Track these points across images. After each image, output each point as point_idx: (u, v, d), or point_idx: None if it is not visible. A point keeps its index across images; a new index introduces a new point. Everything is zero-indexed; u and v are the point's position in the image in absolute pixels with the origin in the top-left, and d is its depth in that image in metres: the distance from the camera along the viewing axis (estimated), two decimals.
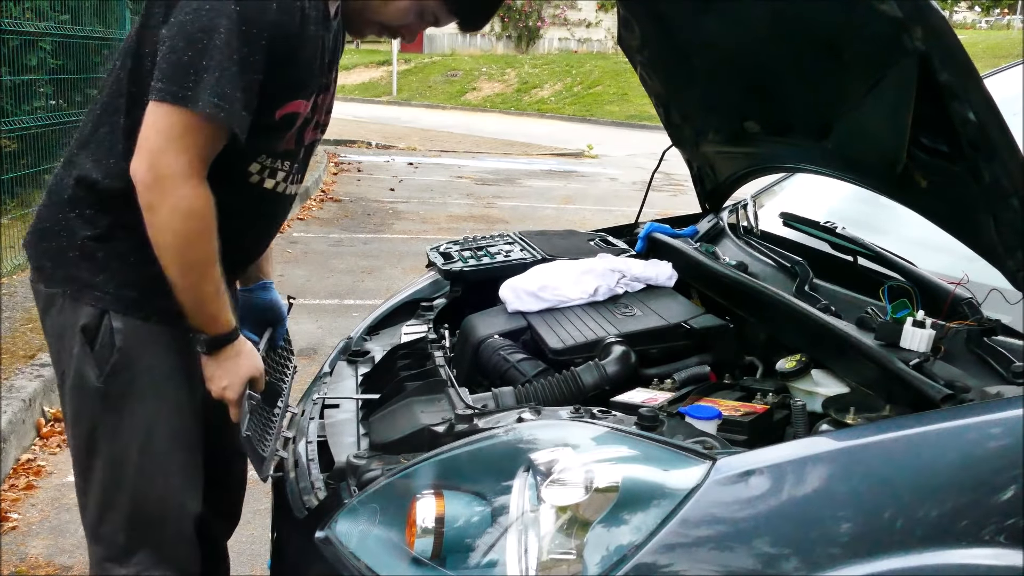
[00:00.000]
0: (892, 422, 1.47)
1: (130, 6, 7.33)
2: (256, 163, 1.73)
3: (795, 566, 1.25)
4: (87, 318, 1.69)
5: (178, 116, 1.54)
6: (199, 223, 1.59)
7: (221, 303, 1.67)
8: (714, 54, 2.19)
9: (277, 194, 1.80)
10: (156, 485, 1.74)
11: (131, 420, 1.71)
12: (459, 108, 22.85)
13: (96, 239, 1.70)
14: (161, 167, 1.55)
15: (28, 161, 5.95)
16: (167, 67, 1.54)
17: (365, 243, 7.49)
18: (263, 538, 2.12)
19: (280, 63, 1.61)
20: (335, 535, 1.50)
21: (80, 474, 1.77)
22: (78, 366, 1.70)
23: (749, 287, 2.08)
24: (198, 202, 1.58)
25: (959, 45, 1.45)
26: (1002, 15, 38.18)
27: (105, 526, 1.74)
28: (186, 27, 1.54)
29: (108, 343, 1.69)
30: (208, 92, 1.52)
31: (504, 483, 1.37)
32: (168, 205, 1.56)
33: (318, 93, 1.75)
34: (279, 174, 1.77)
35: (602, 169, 13.25)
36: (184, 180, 1.56)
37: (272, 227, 1.90)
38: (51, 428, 3.78)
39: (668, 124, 2.64)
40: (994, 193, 1.52)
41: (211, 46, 1.53)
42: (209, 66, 1.52)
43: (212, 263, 1.63)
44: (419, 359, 2.09)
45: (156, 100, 1.55)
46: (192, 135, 1.55)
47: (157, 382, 1.72)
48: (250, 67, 1.56)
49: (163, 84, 1.54)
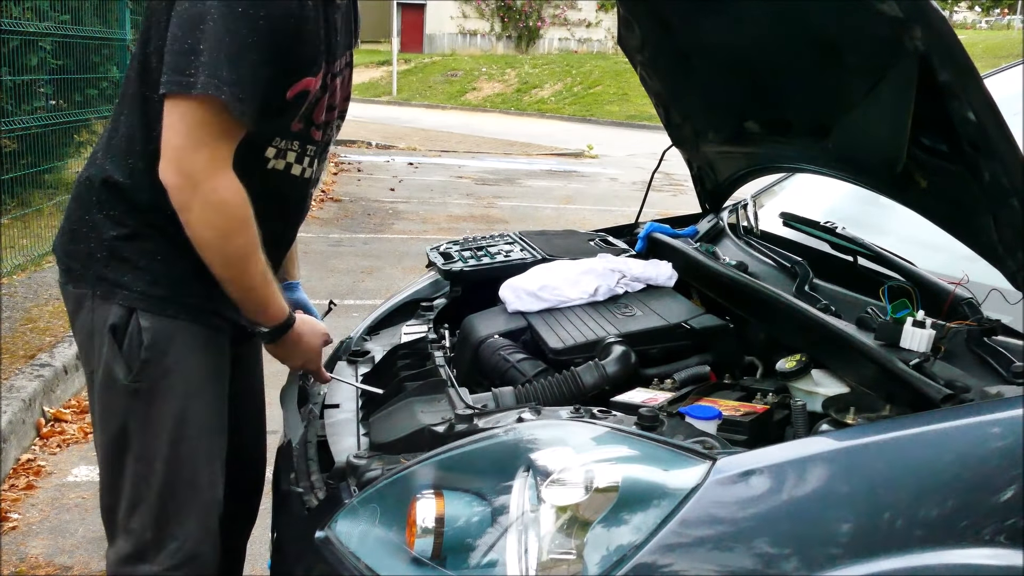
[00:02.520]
0: (892, 422, 1.47)
1: (130, 6, 7.34)
2: (271, 147, 1.73)
3: (795, 566, 1.25)
4: (115, 317, 1.69)
5: (193, 105, 1.54)
6: (234, 214, 1.59)
7: (270, 292, 1.69)
8: (714, 54, 2.19)
9: (295, 177, 1.80)
10: (185, 482, 1.74)
11: (161, 417, 1.71)
12: (459, 108, 22.86)
13: (123, 239, 1.70)
14: (184, 164, 1.55)
15: (28, 161, 5.95)
16: (170, 59, 1.55)
17: (365, 243, 7.49)
18: (263, 538, 2.12)
19: (283, 41, 1.60)
20: (335, 535, 1.50)
21: (108, 471, 1.77)
22: (107, 365, 1.71)
23: (749, 287, 2.08)
24: (228, 192, 1.58)
25: (959, 45, 1.44)
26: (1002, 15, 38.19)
27: (134, 521, 1.75)
28: (183, 16, 1.55)
29: (136, 342, 1.69)
30: (205, 74, 1.52)
31: (504, 483, 1.37)
32: (199, 201, 1.56)
33: (328, 72, 1.74)
34: (295, 155, 1.77)
35: (602, 169, 13.25)
36: (210, 173, 1.56)
37: (296, 213, 1.90)
38: (51, 428, 3.78)
39: (668, 124, 2.64)
40: (994, 193, 1.52)
41: (206, 30, 1.53)
42: (204, 49, 1.52)
43: (254, 252, 1.64)
44: (419, 359, 2.09)
45: (165, 94, 1.55)
46: (206, 126, 1.55)
47: (186, 378, 1.73)
48: (248, 47, 1.55)
49: (167, 75, 1.55)
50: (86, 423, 3.81)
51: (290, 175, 1.79)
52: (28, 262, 5.71)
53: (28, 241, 5.84)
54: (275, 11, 1.58)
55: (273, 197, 1.78)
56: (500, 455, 1.43)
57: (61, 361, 4.12)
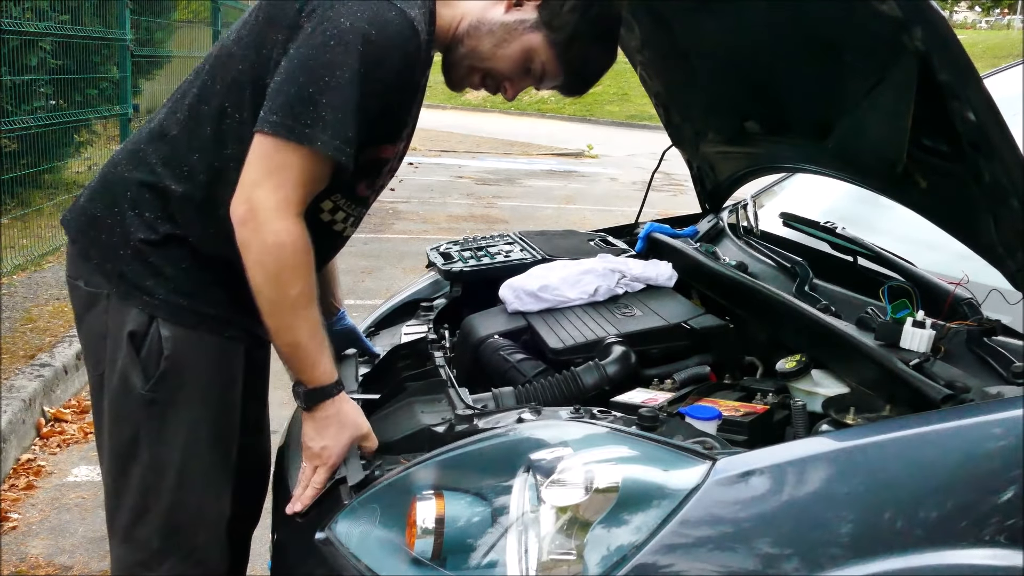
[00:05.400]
0: (892, 422, 1.47)
1: (130, 6, 7.34)
2: (329, 201, 1.69)
3: (795, 566, 1.25)
4: (135, 324, 1.65)
5: (290, 152, 1.50)
6: (291, 259, 1.52)
7: (319, 349, 1.59)
8: (714, 54, 2.19)
9: (337, 233, 1.77)
10: (195, 492, 1.72)
11: (175, 427, 1.68)
12: (459, 108, 22.84)
13: (152, 244, 1.66)
14: (255, 200, 1.50)
15: (28, 161, 5.96)
16: (284, 100, 1.50)
17: (365, 243, 7.48)
18: (263, 538, 2.12)
19: (386, 107, 1.57)
20: (335, 535, 1.50)
21: (114, 477, 1.73)
22: (123, 371, 1.66)
23: (749, 287, 2.08)
24: (290, 237, 1.51)
25: (959, 45, 1.44)
26: (1002, 15, 38.20)
27: (140, 530, 1.72)
28: (308, 61, 1.50)
29: (156, 350, 1.65)
30: (329, 132, 1.48)
31: (504, 483, 1.37)
32: (259, 240, 1.51)
33: (406, 138, 1.72)
34: (344, 214, 1.74)
35: (602, 169, 13.25)
36: (278, 215, 1.50)
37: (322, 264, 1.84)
38: (51, 428, 3.78)
39: (668, 124, 2.64)
40: (994, 193, 1.52)
41: (333, 84, 1.48)
42: (330, 104, 1.48)
43: (307, 305, 1.56)
44: (419, 359, 2.09)
45: (268, 133, 1.50)
46: (295, 171, 1.51)
47: (203, 390, 1.70)
48: (363, 110, 1.52)
49: (278, 117, 1.49)
50: (86, 423, 3.82)
51: (333, 230, 1.76)
52: (28, 262, 5.71)
53: (28, 241, 5.85)
54: (396, 80, 1.55)
55: (317, 248, 1.67)
56: (500, 455, 1.43)
57: (61, 361, 4.12)
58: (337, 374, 1.63)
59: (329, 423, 1.61)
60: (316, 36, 1.50)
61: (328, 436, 1.61)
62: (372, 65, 1.51)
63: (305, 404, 1.61)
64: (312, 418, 1.62)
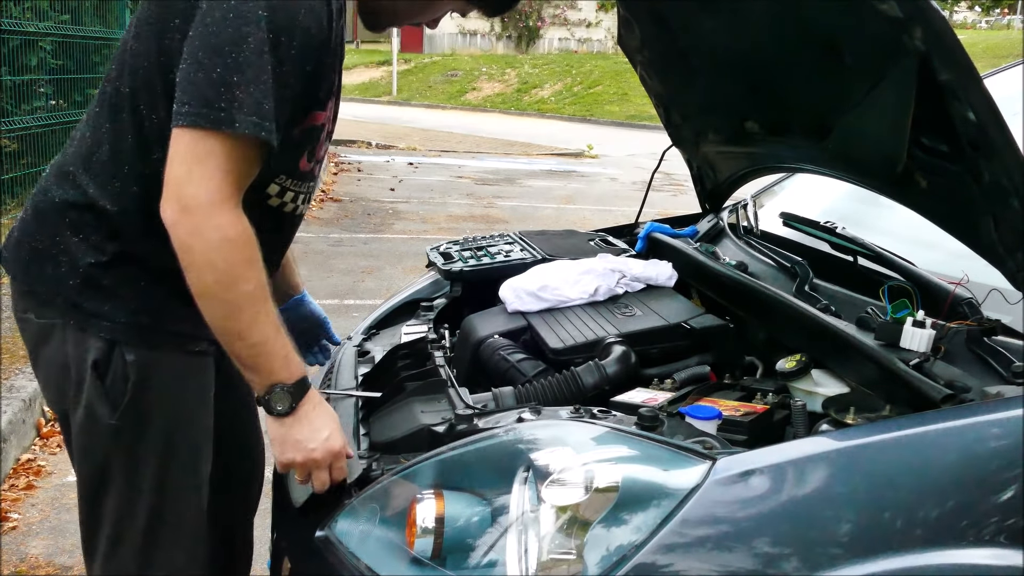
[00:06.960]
0: (892, 422, 1.47)
1: (130, 6, 7.34)
2: (275, 184, 1.61)
3: (795, 566, 1.25)
4: (97, 352, 1.55)
5: (211, 140, 1.39)
6: (241, 252, 1.42)
7: (285, 339, 1.49)
8: (714, 54, 2.19)
9: (288, 214, 1.69)
10: (172, 513, 1.65)
11: (146, 453, 1.61)
12: (459, 108, 22.85)
13: (102, 266, 1.55)
14: (186, 198, 1.39)
15: (28, 161, 5.95)
16: (194, 87, 1.39)
17: (365, 243, 7.49)
18: (263, 538, 2.12)
19: (306, 72, 1.47)
20: (335, 535, 1.50)
21: (88, 505, 1.66)
22: (88, 404, 1.57)
23: (749, 287, 2.08)
24: (234, 230, 1.41)
25: (959, 45, 1.44)
26: (1002, 15, 38.20)
27: (118, 556, 1.65)
28: (210, 39, 1.39)
29: (121, 377, 1.56)
30: (246, 111, 1.38)
31: (504, 483, 1.37)
32: (201, 239, 1.40)
33: (333, 99, 1.62)
34: (292, 193, 1.65)
35: (602, 169, 13.25)
36: (215, 209, 1.39)
37: (283, 248, 1.81)
38: (51, 428, 3.78)
39: (668, 124, 2.64)
40: (994, 193, 1.52)
41: (242, 59, 1.38)
42: (242, 82, 1.38)
43: (265, 298, 1.46)
44: (419, 359, 2.09)
45: (184, 125, 1.39)
46: (220, 158, 1.40)
47: (172, 410, 1.62)
48: (281, 79, 1.42)
49: (191, 107, 1.39)
50: None
51: (284, 212, 1.67)
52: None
53: None
54: (308, 39, 1.45)
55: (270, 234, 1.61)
56: (500, 455, 1.43)
57: None
58: (305, 369, 1.54)
59: (320, 411, 1.54)
60: (214, 11, 1.40)
61: (324, 425, 1.53)
62: (280, 29, 1.41)
63: (292, 403, 1.50)
64: (299, 418, 1.51)
